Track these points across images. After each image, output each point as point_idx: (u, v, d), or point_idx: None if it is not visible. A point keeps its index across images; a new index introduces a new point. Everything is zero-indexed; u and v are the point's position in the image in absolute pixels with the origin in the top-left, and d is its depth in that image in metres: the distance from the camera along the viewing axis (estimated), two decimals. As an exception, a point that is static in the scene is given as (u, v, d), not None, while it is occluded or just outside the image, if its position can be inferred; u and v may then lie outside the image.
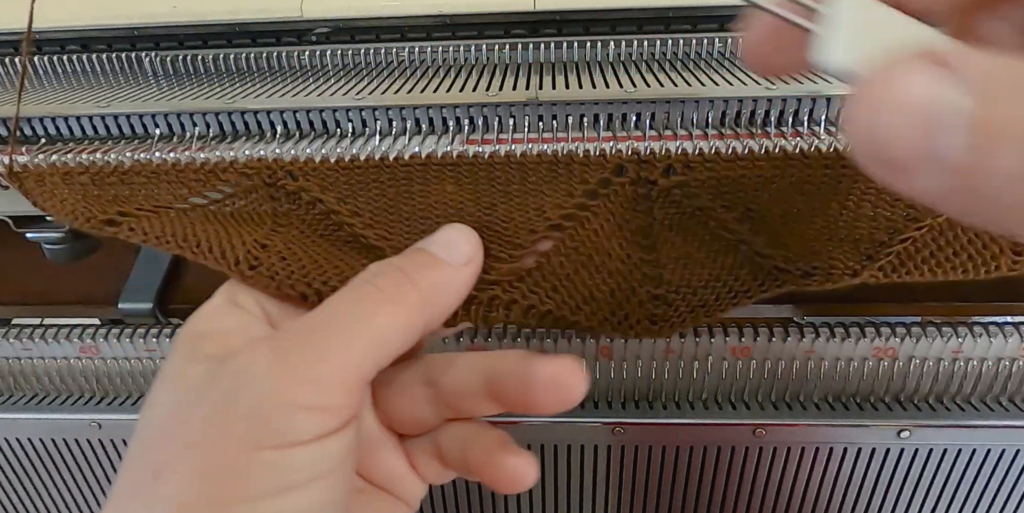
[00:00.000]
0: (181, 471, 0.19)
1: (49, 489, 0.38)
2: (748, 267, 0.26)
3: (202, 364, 0.21)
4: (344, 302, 0.22)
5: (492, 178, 0.28)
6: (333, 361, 0.20)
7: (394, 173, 0.28)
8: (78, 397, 0.35)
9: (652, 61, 0.37)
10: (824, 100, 0.30)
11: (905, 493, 0.34)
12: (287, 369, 0.20)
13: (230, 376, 0.20)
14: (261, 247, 0.26)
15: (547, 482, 0.36)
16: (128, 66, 0.39)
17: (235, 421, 0.19)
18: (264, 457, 0.19)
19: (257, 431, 0.19)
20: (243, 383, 0.20)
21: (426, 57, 0.38)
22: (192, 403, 0.20)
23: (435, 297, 0.23)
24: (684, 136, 0.30)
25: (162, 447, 0.19)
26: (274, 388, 0.19)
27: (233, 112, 0.32)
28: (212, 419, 0.19)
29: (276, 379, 0.19)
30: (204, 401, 0.20)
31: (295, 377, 0.19)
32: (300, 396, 0.19)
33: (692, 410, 0.33)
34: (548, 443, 0.34)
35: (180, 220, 0.27)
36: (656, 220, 0.27)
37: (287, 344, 0.20)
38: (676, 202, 0.27)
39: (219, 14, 0.39)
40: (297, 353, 0.20)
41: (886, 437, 0.32)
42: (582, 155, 0.28)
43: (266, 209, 0.28)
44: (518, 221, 0.27)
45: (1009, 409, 0.32)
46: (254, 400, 0.19)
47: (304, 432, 0.19)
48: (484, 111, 0.31)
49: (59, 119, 0.33)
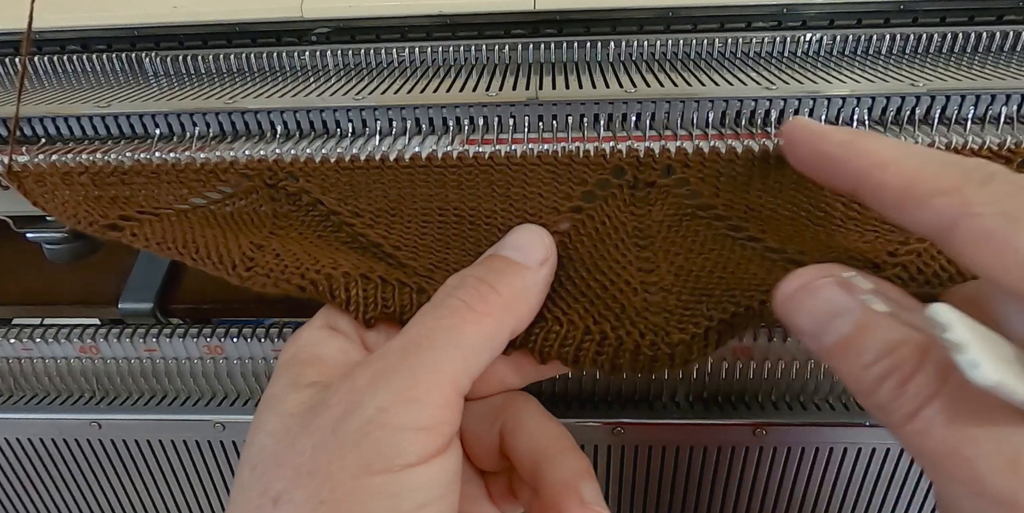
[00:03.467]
0: (298, 500, 0.19)
1: (49, 489, 0.38)
2: (758, 262, 0.25)
3: (305, 391, 0.21)
4: (431, 317, 0.22)
5: (492, 180, 0.28)
6: (430, 378, 0.20)
7: (395, 174, 0.28)
8: (78, 397, 0.35)
9: (652, 61, 0.37)
10: (824, 100, 0.30)
11: (905, 493, 0.34)
12: (388, 391, 0.20)
13: (335, 403, 0.20)
14: (257, 248, 0.26)
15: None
16: (128, 66, 0.39)
17: (346, 448, 0.19)
18: (375, 483, 0.19)
19: (367, 456, 0.19)
20: (348, 409, 0.20)
21: (426, 57, 0.38)
22: (300, 431, 0.20)
23: (516, 302, 0.23)
24: (684, 136, 0.30)
25: (277, 475, 0.20)
26: (378, 411, 0.19)
27: (233, 112, 0.32)
28: (323, 447, 0.19)
29: (379, 401, 0.20)
30: (313, 429, 0.20)
31: (396, 397, 0.20)
32: (403, 416, 0.19)
33: (692, 410, 0.33)
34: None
35: (180, 225, 0.27)
36: (655, 221, 0.27)
37: (384, 365, 0.21)
38: (676, 203, 0.27)
39: (219, 14, 0.39)
40: (395, 373, 0.20)
41: (886, 437, 0.32)
42: (582, 155, 0.28)
43: (266, 210, 0.28)
44: (517, 223, 0.27)
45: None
46: (360, 425, 0.19)
47: (411, 453, 0.19)
48: (484, 111, 0.31)
49: (59, 119, 0.33)
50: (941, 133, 0.29)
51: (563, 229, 0.27)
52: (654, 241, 0.26)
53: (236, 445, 0.35)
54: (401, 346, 0.21)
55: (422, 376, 0.20)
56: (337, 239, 0.28)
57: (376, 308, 0.25)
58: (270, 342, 0.33)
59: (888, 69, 0.33)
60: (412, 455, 0.19)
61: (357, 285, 0.25)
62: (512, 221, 0.27)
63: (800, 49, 0.37)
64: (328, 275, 0.25)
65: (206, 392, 0.34)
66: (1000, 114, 0.29)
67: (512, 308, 0.22)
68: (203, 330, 0.33)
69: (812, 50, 0.37)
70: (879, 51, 0.37)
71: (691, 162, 0.27)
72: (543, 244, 0.24)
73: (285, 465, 0.20)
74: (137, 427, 0.34)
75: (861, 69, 0.34)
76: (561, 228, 0.27)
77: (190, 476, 0.36)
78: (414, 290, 0.25)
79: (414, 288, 0.25)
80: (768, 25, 0.39)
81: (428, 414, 0.20)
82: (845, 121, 0.30)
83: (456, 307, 0.22)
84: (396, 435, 0.19)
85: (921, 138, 0.28)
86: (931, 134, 0.29)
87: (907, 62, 0.35)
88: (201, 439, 0.34)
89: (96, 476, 0.37)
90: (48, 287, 0.38)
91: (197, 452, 0.35)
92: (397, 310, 0.25)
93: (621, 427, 0.32)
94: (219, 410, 0.34)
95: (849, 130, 0.21)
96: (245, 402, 0.34)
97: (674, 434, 0.33)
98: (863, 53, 0.37)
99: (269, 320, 0.35)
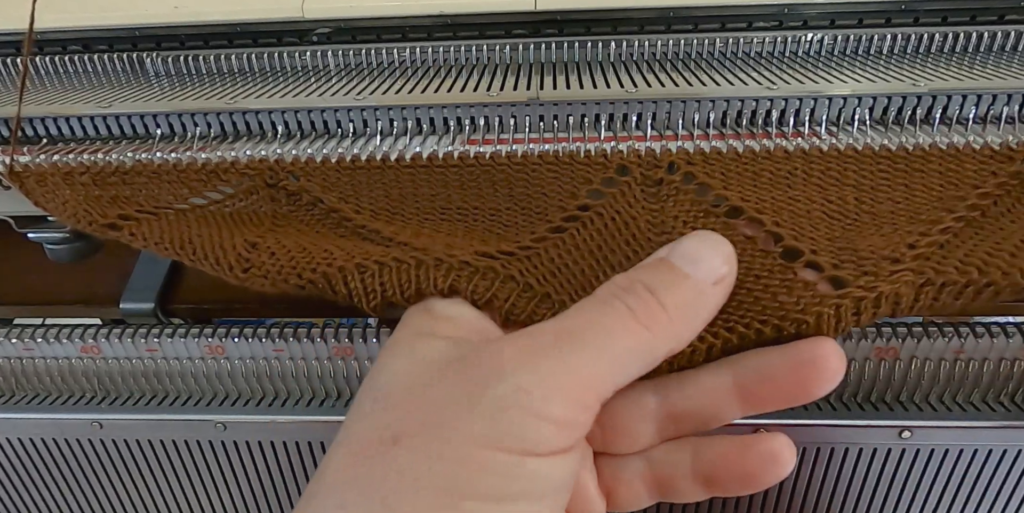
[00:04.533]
0: (420, 448, 0.18)
1: (50, 489, 0.38)
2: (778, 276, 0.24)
3: (440, 341, 0.20)
4: (593, 314, 0.21)
5: (495, 179, 0.28)
6: (582, 375, 0.19)
7: (396, 173, 0.28)
8: (79, 397, 0.35)
9: (653, 61, 0.37)
10: (824, 100, 0.30)
11: (906, 493, 0.34)
12: (534, 373, 0.19)
13: (476, 366, 0.19)
14: (251, 246, 0.26)
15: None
16: (129, 66, 0.39)
17: (479, 416, 0.18)
18: (498, 459, 0.18)
19: (499, 432, 0.18)
20: (489, 377, 0.19)
21: (427, 57, 0.38)
22: (434, 380, 0.19)
23: (681, 321, 0.21)
24: (685, 136, 0.30)
25: (404, 416, 0.19)
26: (518, 389, 0.19)
27: (234, 112, 0.32)
28: (456, 406, 0.19)
29: (522, 380, 0.19)
30: (448, 383, 0.19)
31: (541, 381, 0.19)
32: (545, 405, 0.19)
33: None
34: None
35: (179, 225, 0.27)
36: (670, 217, 0.26)
37: (534, 344, 0.20)
38: (689, 199, 0.27)
39: (220, 14, 0.39)
40: (548, 360, 0.19)
41: (886, 437, 0.32)
42: (583, 155, 0.27)
43: (266, 210, 0.28)
44: (520, 223, 0.27)
45: (1011, 409, 0.32)
46: (498, 399, 0.18)
47: (541, 442, 0.19)
48: (485, 111, 0.31)
49: (60, 119, 0.33)
50: (942, 133, 0.29)
51: (569, 225, 0.27)
52: (671, 237, 0.26)
53: (237, 445, 0.35)
54: (555, 331, 0.20)
55: (575, 371, 0.19)
56: (335, 234, 0.28)
57: (377, 296, 0.24)
58: (271, 342, 0.33)
59: (889, 69, 0.33)
60: (542, 445, 0.19)
61: (355, 277, 0.25)
62: (518, 219, 0.27)
63: (801, 49, 0.37)
64: (324, 273, 0.25)
65: (207, 392, 0.34)
66: (1001, 114, 0.29)
67: (674, 327, 0.21)
68: (204, 330, 0.33)
69: (813, 50, 0.37)
70: (880, 51, 0.37)
71: (694, 160, 0.27)
72: (722, 259, 0.22)
73: (413, 409, 0.19)
74: (138, 427, 0.34)
75: (862, 69, 0.34)
76: (567, 224, 0.27)
77: (191, 476, 0.36)
78: (412, 266, 0.25)
79: (412, 264, 0.25)
80: (769, 25, 0.39)
81: (566, 409, 0.19)
82: (847, 121, 0.30)
83: (620, 311, 0.20)
84: (532, 420, 0.18)
85: (922, 138, 0.28)
86: (932, 134, 0.29)
87: (908, 62, 0.35)
88: (202, 439, 0.34)
89: (97, 476, 0.37)
90: (49, 287, 0.39)
91: (198, 452, 0.35)
92: (398, 292, 0.24)
93: (622, 427, 0.32)
94: (220, 410, 0.34)
95: None
96: (246, 402, 0.34)
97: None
98: (864, 53, 0.37)
99: (270, 320, 0.35)
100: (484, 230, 0.27)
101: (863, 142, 0.28)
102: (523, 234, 0.26)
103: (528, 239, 0.26)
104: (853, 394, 0.33)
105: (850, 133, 0.29)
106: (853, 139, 0.28)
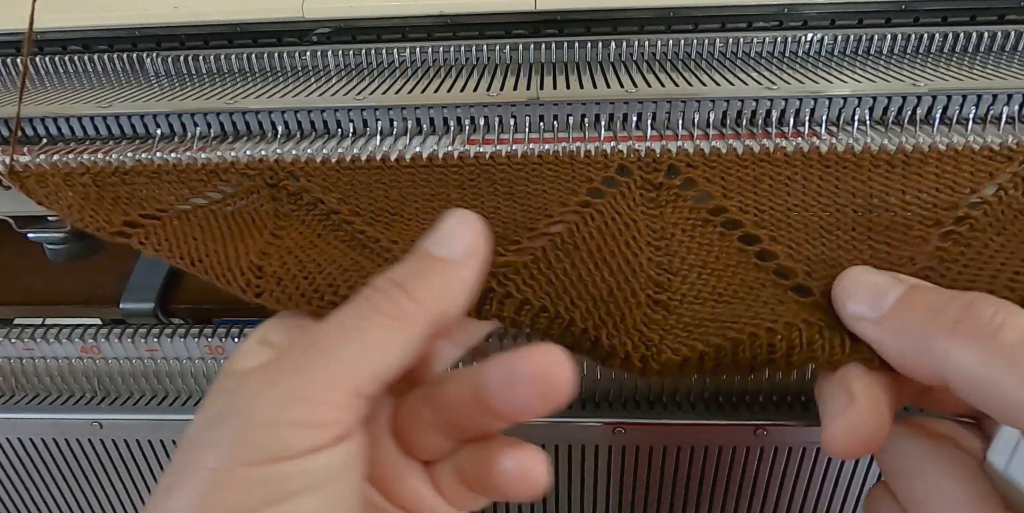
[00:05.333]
0: (184, 488, 0.20)
1: (50, 489, 0.38)
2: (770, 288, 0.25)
3: (220, 399, 0.22)
4: (337, 319, 0.22)
5: (494, 179, 0.28)
6: (321, 379, 0.21)
7: (396, 173, 0.28)
8: (79, 397, 0.35)
9: (653, 61, 0.37)
10: (825, 100, 0.30)
11: (906, 493, 0.34)
12: (276, 390, 0.20)
13: (224, 405, 0.21)
14: (258, 270, 0.26)
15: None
16: (129, 66, 0.39)
17: (223, 442, 0.20)
18: (251, 472, 0.20)
19: (244, 449, 0.20)
20: (232, 408, 0.21)
21: (427, 57, 0.38)
22: (199, 432, 0.21)
23: (435, 303, 0.22)
24: (685, 136, 0.30)
25: (173, 470, 0.21)
26: (259, 409, 0.20)
27: (234, 112, 0.32)
28: (207, 440, 0.21)
29: (262, 400, 0.20)
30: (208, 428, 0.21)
31: (284, 397, 0.20)
32: (287, 414, 0.20)
33: (692, 410, 0.33)
34: (548, 443, 0.34)
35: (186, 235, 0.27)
36: (668, 223, 0.27)
37: (279, 366, 0.21)
38: (688, 206, 0.27)
39: (220, 14, 0.39)
40: (287, 374, 0.21)
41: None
42: (584, 155, 0.27)
43: (267, 210, 0.28)
44: (520, 221, 0.27)
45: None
46: (239, 422, 0.20)
47: (292, 446, 0.20)
48: (485, 111, 0.31)
49: (60, 119, 0.33)
50: (943, 133, 0.29)
51: (570, 220, 0.26)
52: (669, 243, 0.26)
53: (237, 445, 0.35)
54: (302, 348, 0.22)
55: (314, 376, 0.21)
56: (336, 238, 0.28)
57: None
58: (271, 342, 0.33)
59: (889, 69, 0.33)
60: (294, 448, 0.20)
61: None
62: (517, 216, 0.27)
63: (801, 49, 0.37)
64: (331, 302, 0.25)
65: (207, 392, 0.34)
66: (1001, 114, 0.29)
67: (429, 310, 0.22)
68: (204, 330, 0.33)
69: (813, 50, 0.37)
70: (880, 51, 0.37)
71: (694, 162, 0.27)
72: (471, 233, 0.23)
73: (180, 461, 0.21)
74: (138, 427, 0.34)
75: (862, 69, 0.34)
76: (568, 219, 0.26)
77: (191, 476, 0.36)
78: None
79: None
80: (769, 25, 0.39)
81: (319, 412, 0.20)
82: (847, 121, 0.30)
83: (364, 310, 0.22)
84: (275, 430, 0.20)
85: (922, 138, 0.28)
86: (932, 134, 0.29)
87: (908, 62, 0.35)
88: (202, 439, 0.34)
89: (96, 476, 0.37)
90: (49, 287, 0.39)
91: (198, 452, 0.35)
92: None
93: (622, 427, 0.32)
94: (220, 410, 0.34)
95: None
96: (246, 402, 0.34)
97: (675, 434, 0.33)
98: (864, 53, 0.37)
99: (270, 320, 0.35)
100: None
101: (863, 142, 0.28)
102: (521, 232, 0.26)
103: (526, 238, 0.26)
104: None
105: (850, 133, 0.29)
106: (853, 139, 0.28)
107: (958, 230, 0.25)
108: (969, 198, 0.26)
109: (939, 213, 0.26)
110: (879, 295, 0.23)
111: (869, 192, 0.26)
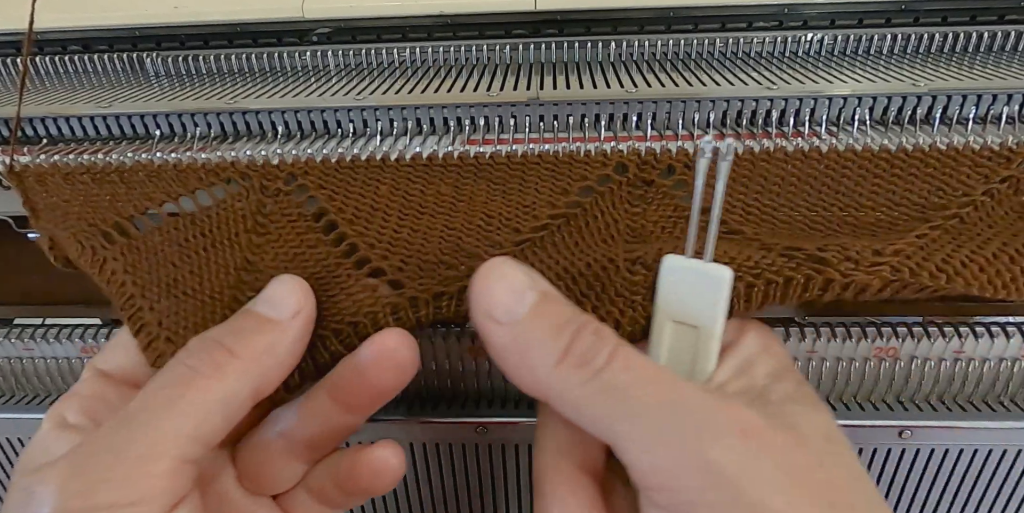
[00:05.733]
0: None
1: (50, 489, 0.38)
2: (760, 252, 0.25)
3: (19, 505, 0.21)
4: (152, 388, 0.22)
5: (490, 178, 0.28)
6: (139, 455, 0.20)
7: (394, 173, 0.28)
8: (79, 397, 0.35)
9: (653, 61, 0.37)
10: (825, 100, 0.30)
11: (906, 493, 0.34)
12: (81, 477, 0.20)
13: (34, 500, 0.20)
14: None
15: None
16: (129, 66, 0.39)
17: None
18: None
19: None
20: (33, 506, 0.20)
21: (427, 57, 0.38)
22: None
23: (261, 360, 0.22)
24: (685, 136, 0.30)
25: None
26: (64, 503, 0.19)
27: (234, 112, 0.32)
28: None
29: (65, 494, 0.19)
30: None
31: (90, 482, 0.19)
32: (97, 499, 0.19)
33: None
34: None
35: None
36: (649, 221, 0.27)
37: (89, 450, 0.20)
38: (673, 204, 0.27)
39: (220, 14, 0.39)
40: (98, 457, 0.20)
41: (886, 437, 0.32)
42: (583, 155, 0.27)
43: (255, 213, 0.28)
44: (508, 220, 0.27)
45: (1010, 409, 0.32)
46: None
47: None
48: (485, 111, 0.31)
49: (60, 119, 0.33)
50: (942, 133, 0.29)
51: (557, 218, 0.27)
52: (647, 241, 0.26)
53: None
54: (116, 423, 0.21)
55: (125, 454, 0.20)
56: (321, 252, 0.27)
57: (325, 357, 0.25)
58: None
59: (889, 69, 0.33)
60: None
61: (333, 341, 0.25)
62: (505, 211, 0.27)
63: (801, 49, 0.37)
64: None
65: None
66: (1001, 114, 0.29)
67: (252, 368, 0.22)
68: (204, 330, 0.33)
69: (813, 50, 0.37)
70: (880, 51, 0.37)
71: (692, 162, 0.27)
72: (296, 295, 0.24)
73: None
74: (138, 427, 0.34)
75: (862, 69, 0.34)
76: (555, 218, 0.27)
77: (191, 476, 0.36)
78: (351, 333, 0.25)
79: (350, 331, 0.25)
80: (769, 25, 0.39)
81: (140, 488, 0.20)
82: (847, 121, 0.30)
83: (181, 375, 0.22)
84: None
85: (922, 138, 0.28)
86: (932, 134, 0.29)
87: (908, 62, 0.35)
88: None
89: (97, 476, 0.37)
90: (49, 287, 0.38)
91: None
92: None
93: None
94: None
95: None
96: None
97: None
98: (864, 53, 0.37)
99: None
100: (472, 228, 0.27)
101: (863, 142, 0.28)
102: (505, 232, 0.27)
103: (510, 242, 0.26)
104: (853, 394, 0.33)
105: (850, 133, 0.29)
106: (853, 139, 0.28)
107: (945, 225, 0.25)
108: (961, 199, 0.26)
109: (927, 213, 0.26)
110: (517, 297, 0.22)
111: (860, 193, 0.26)
